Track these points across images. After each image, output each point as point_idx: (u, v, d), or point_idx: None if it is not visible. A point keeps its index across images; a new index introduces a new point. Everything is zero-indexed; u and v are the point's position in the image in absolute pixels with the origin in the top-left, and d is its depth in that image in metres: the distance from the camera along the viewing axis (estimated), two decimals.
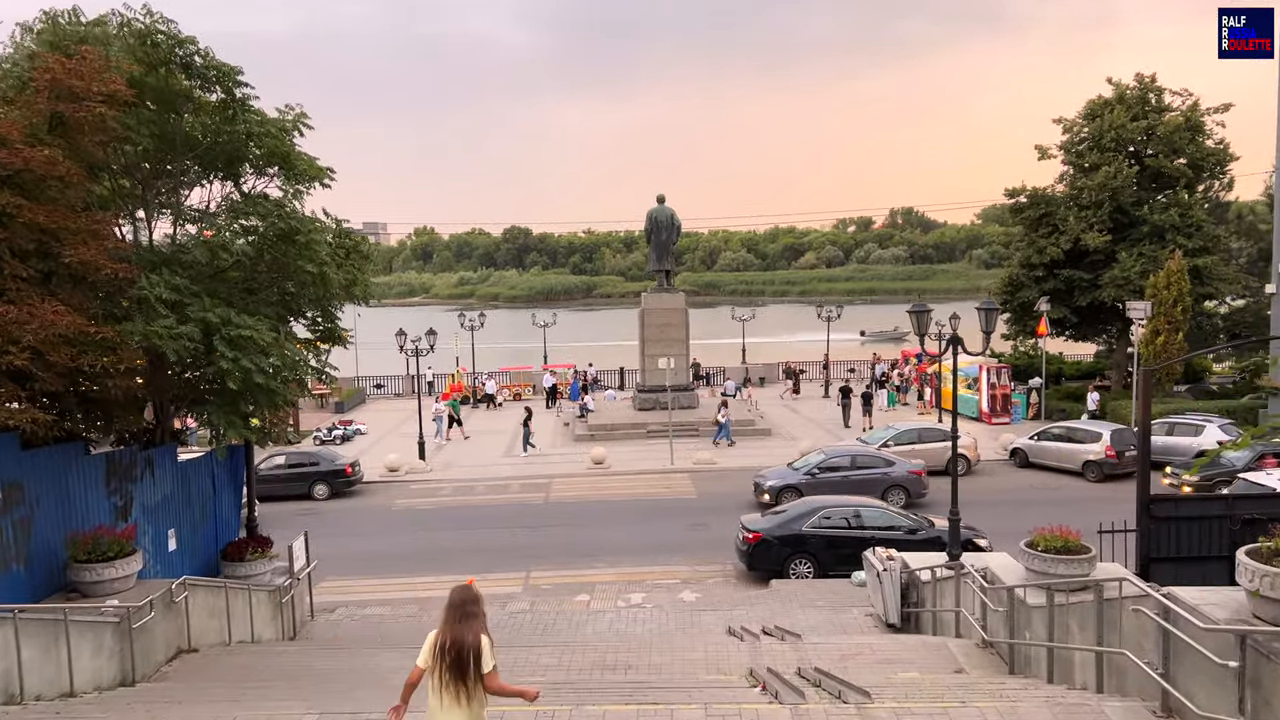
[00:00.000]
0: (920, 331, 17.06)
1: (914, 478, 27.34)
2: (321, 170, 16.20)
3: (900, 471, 27.42)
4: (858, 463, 27.76)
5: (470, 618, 6.36)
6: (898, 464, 27.74)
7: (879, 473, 27.27)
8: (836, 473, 27.20)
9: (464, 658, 6.22)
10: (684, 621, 17.55)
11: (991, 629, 12.70)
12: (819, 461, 27.76)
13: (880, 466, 27.57)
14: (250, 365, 13.01)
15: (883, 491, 26.63)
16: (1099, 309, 41.69)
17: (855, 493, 26.13)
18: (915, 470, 27.54)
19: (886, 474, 27.25)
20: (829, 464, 27.54)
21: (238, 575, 16.51)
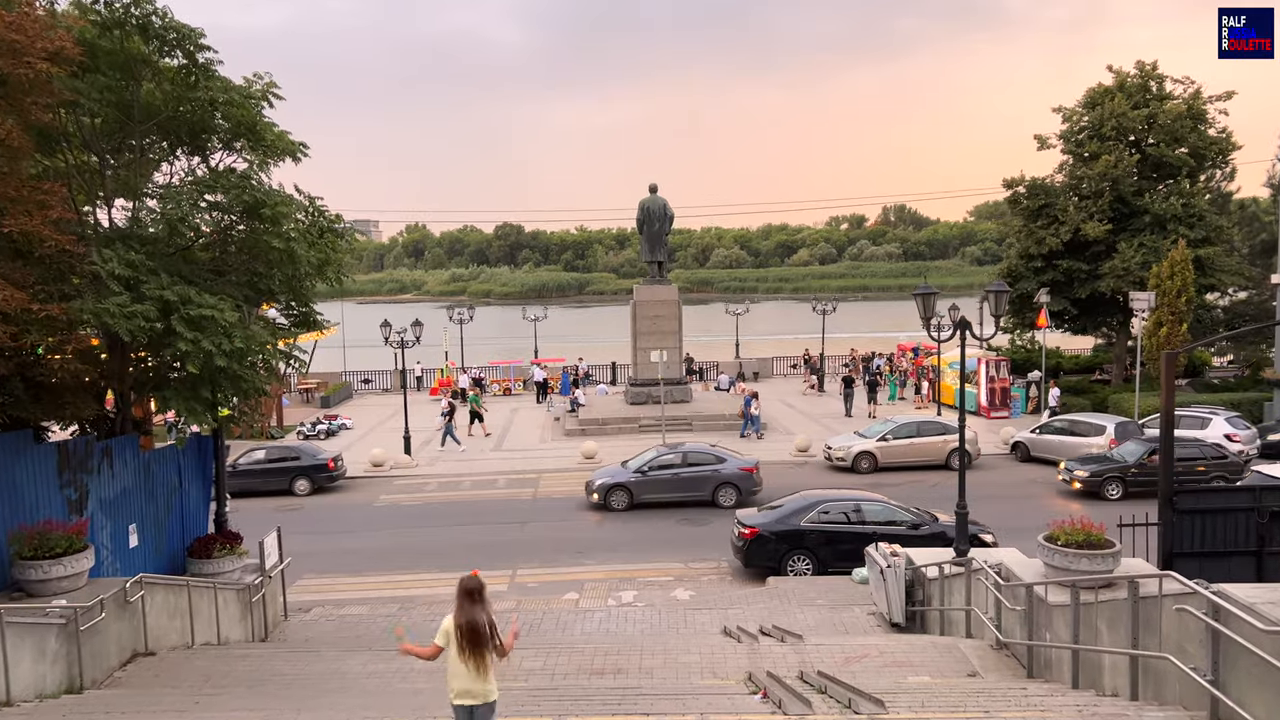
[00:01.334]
0: (926, 315, 16.22)
1: (745, 475, 26.43)
2: (293, 144, 15.25)
3: (731, 469, 26.51)
4: (689, 460, 26.93)
5: (480, 602, 7.51)
6: (729, 460, 26.81)
7: (710, 470, 26.42)
8: (667, 470, 26.53)
9: (480, 634, 7.40)
10: (677, 621, 16.69)
11: (1007, 629, 11.86)
12: (650, 460, 27.04)
13: (711, 464, 26.66)
14: (211, 347, 12.08)
15: (713, 489, 26.16)
16: (1099, 301, 40.95)
17: (685, 491, 26.02)
18: (747, 467, 26.63)
19: (717, 471, 26.39)
20: (660, 462, 26.84)
21: (204, 573, 15.55)
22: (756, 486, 26.45)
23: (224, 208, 13.48)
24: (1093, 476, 26.30)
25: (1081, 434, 30.02)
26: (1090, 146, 40.25)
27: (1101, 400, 37.93)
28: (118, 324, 11.48)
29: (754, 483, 26.39)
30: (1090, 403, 38.05)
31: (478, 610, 7.41)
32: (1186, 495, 13.41)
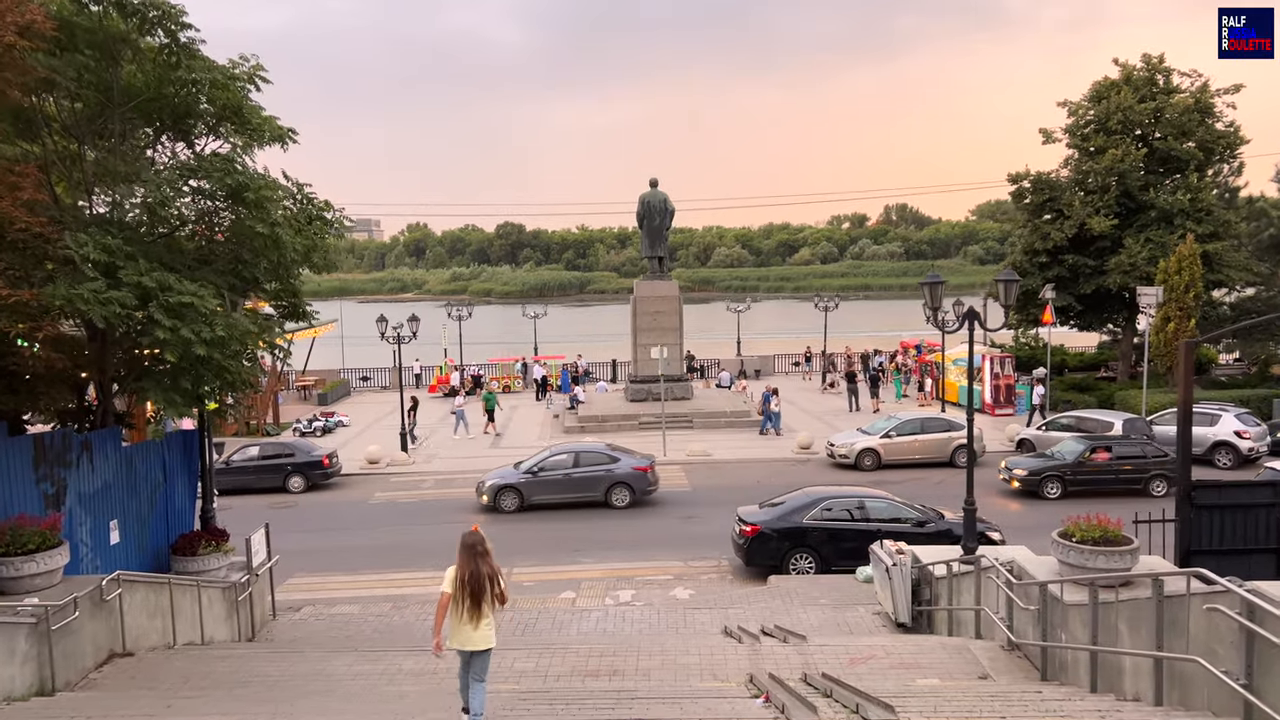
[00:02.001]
0: (933, 305, 15.73)
1: (639, 474, 25.85)
2: (281, 129, 14.77)
3: (625, 468, 25.92)
4: (581, 460, 26.36)
5: (482, 555, 8.14)
6: (622, 460, 26.21)
7: (603, 470, 25.86)
8: (558, 471, 25.97)
9: (481, 585, 8.07)
10: (676, 621, 16.21)
11: (1019, 629, 11.37)
12: (541, 460, 26.56)
13: (604, 464, 26.10)
14: (191, 336, 11.59)
15: (606, 489, 25.67)
16: (1104, 297, 40.46)
17: (577, 491, 25.56)
18: (641, 467, 26.04)
19: (610, 471, 25.83)
20: (550, 462, 26.33)
21: (189, 571, 15.06)
22: (651, 486, 25.92)
23: (207, 193, 13.02)
24: (1031, 475, 25.94)
25: (1088, 430, 29.49)
26: (1096, 140, 39.72)
27: (1108, 397, 37.40)
28: (92, 310, 11.00)
29: (648, 482, 25.81)
30: (1096, 400, 37.54)
31: (480, 562, 8.10)
32: (1206, 490, 12.89)
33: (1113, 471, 25.67)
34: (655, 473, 26.30)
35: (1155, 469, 25.62)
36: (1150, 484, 25.39)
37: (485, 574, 8.11)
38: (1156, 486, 25.38)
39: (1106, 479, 25.44)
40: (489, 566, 8.17)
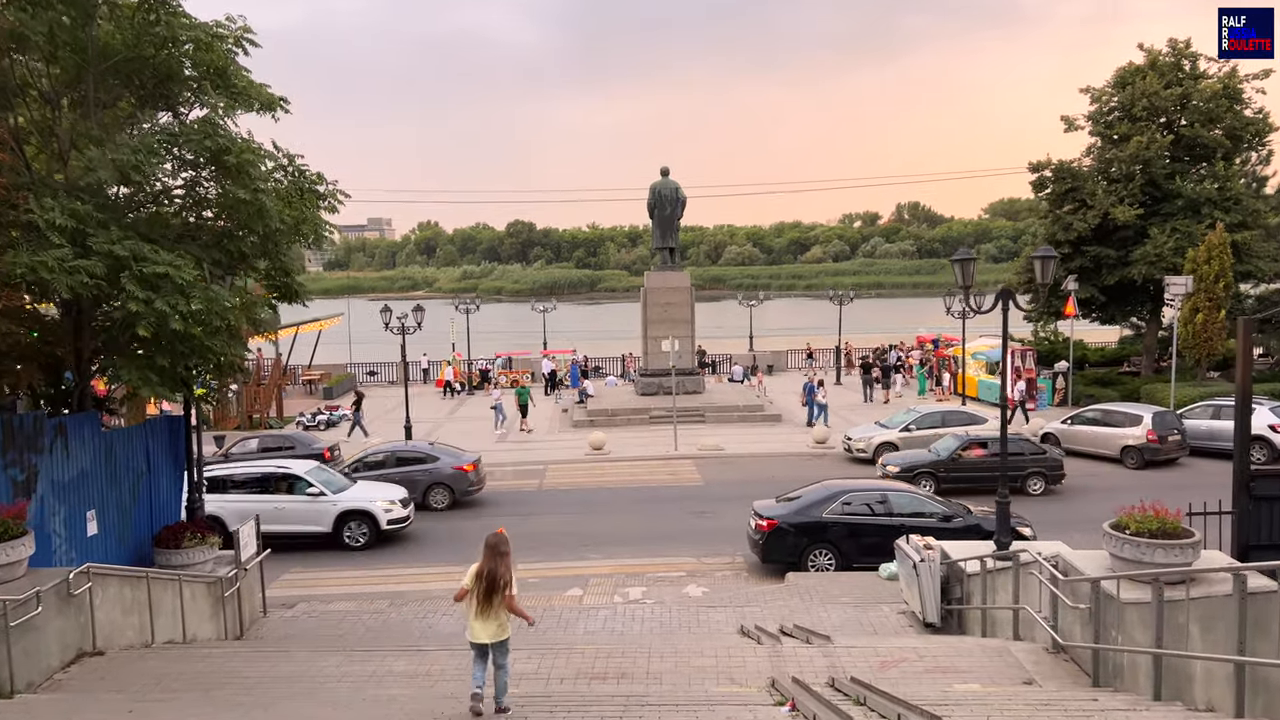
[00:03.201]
0: (964, 284, 14.74)
1: (459, 474, 24.73)
2: (271, 96, 13.93)
3: (445, 468, 24.80)
4: (399, 458, 25.33)
5: (502, 555, 8.67)
6: (442, 459, 25.12)
7: (421, 470, 24.68)
8: (374, 471, 24.79)
9: (495, 584, 8.61)
10: (689, 619, 15.27)
11: (1065, 630, 10.39)
12: (357, 459, 25.74)
13: (423, 463, 24.94)
14: (165, 308, 10.73)
15: (424, 491, 24.41)
16: (1128, 288, 39.29)
17: None
18: (462, 466, 24.87)
19: (429, 471, 24.70)
20: (367, 461, 25.45)
21: (173, 564, 14.20)
22: (473, 486, 24.84)
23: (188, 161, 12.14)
24: (904, 471, 24.93)
25: (1116, 424, 28.42)
26: (1120, 128, 38.59)
27: (1132, 392, 36.29)
28: (57, 279, 10.16)
29: (469, 482, 24.72)
30: (1119, 394, 36.43)
31: (499, 563, 8.64)
32: (1266, 479, 11.90)
33: (987, 468, 24.53)
34: (480, 471, 25.18)
35: (1032, 466, 24.62)
36: (1027, 481, 24.39)
37: (500, 574, 8.65)
38: (1034, 484, 24.52)
39: (981, 475, 24.36)
40: (504, 567, 8.68)
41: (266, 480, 21.60)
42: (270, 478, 21.67)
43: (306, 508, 21.04)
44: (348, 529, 21.09)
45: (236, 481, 21.49)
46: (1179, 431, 27.68)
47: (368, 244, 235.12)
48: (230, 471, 21.97)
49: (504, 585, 8.68)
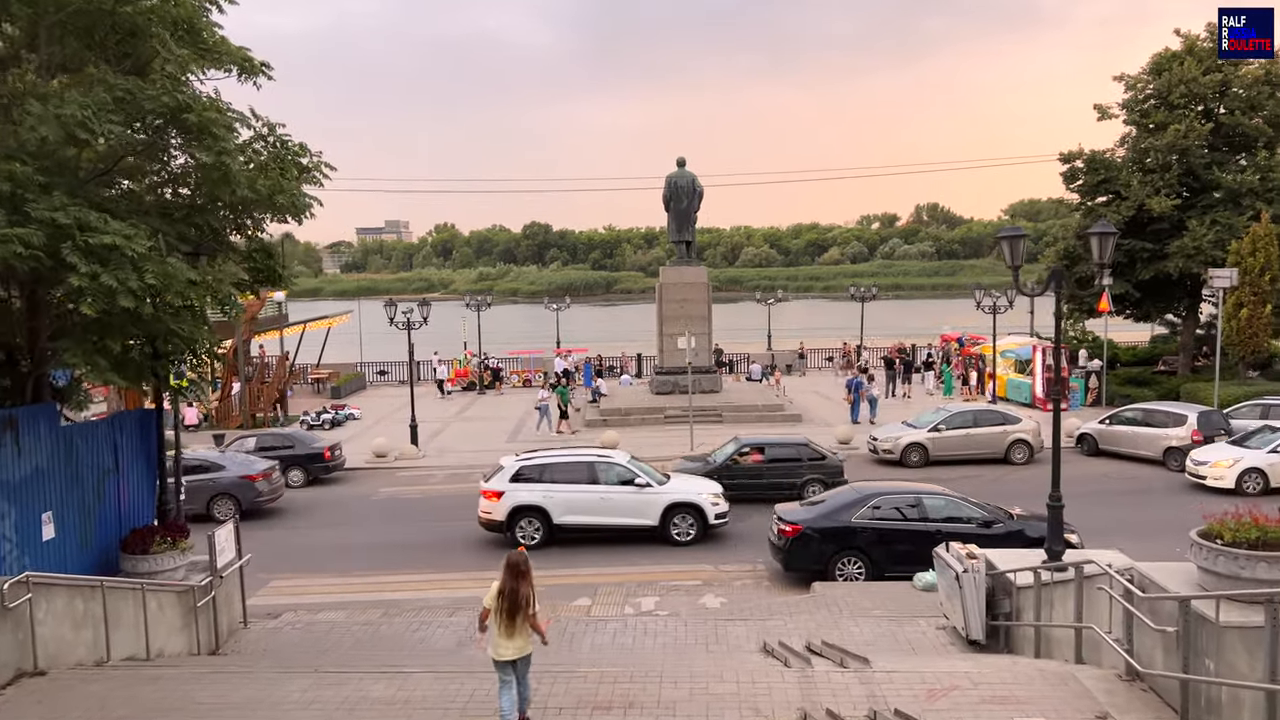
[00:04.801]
0: (1013, 263, 13.35)
1: (246, 483, 23.04)
2: (250, 59, 12.69)
3: (230, 476, 23.09)
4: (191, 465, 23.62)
5: (522, 576, 8.82)
6: (229, 467, 23.42)
7: (205, 479, 22.80)
8: None
9: (516, 603, 8.76)
10: (706, 634, 13.90)
11: (1144, 655, 8.96)
12: None
13: (208, 471, 23.15)
14: (114, 283, 9.46)
15: (207, 502, 22.51)
16: (1164, 283, 37.59)
17: None
18: (252, 475, 23.22)
19: (214, 481, 22.91)
20: None
21: (140, 571, 12.97)
22: (261, 496, 23.21)
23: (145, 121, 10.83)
24: None
25: (1158, 424, 26.88)
26: (1156, 116, 36.96)
27: (1171, 391, 34.66)
28: None
29: (257, 492, 23.16)
30: (1156, 394, 34.79)
31: (520, 582, 8.75)
32: None
33: (764, 474, 23.34)
34: (274, 479, 23.76)
35: (809, 472, 23.25)
36: (805, 488, 22.79)
37: (522, 593, 8.76)
38: (811, 490, 22.79)
39: (758, 483, 23.06)
40: (527, 586, 8.82)
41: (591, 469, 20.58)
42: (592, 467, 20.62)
43: (634, 499, 19.89)
44: (674, 523, 19.92)
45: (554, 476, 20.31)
46: (1226, 432, 26.09)
47: (385, 246, 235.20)
48: (550, 460, 20.87)
49: (526, 604, 8.80)
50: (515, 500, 19.56)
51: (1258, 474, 23.20)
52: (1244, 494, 22.84)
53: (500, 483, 19.97)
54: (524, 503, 19.67)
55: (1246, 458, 23.67)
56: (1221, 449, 24.79)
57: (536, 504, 19.65)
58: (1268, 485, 22.98)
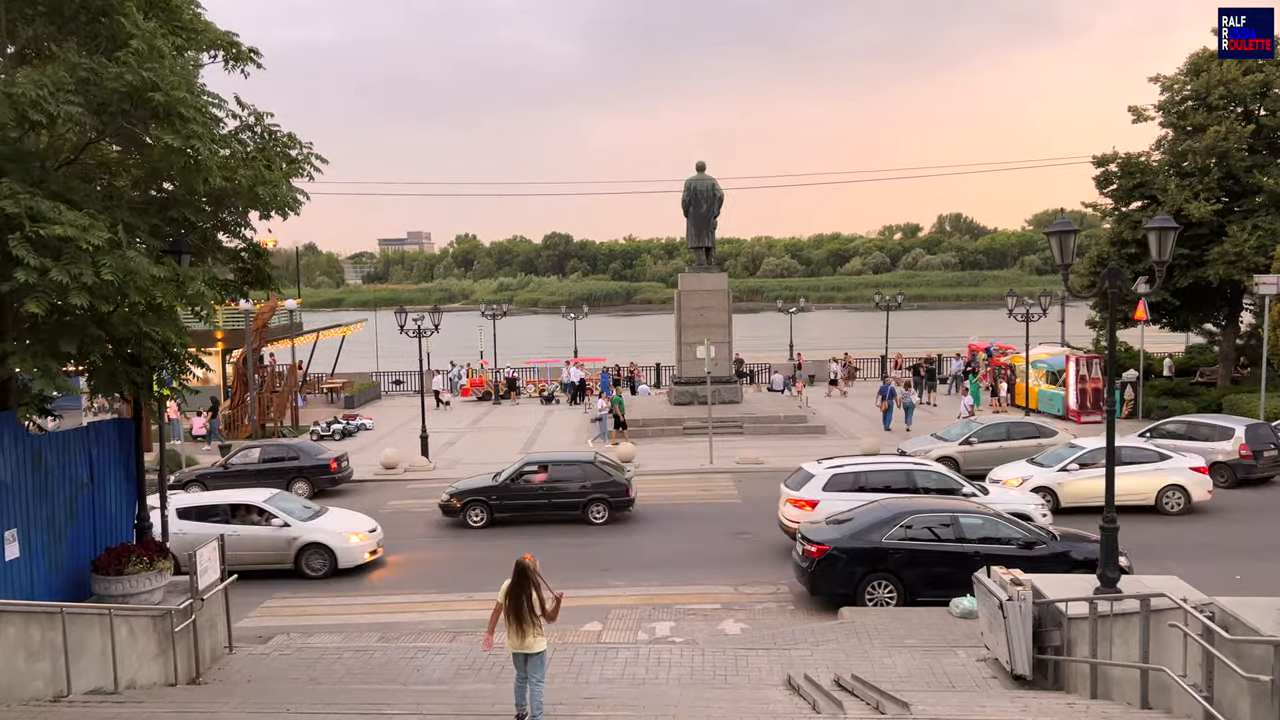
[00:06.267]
0: (1064, 262, 12.23)
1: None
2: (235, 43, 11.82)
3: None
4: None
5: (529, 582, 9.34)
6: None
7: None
8: None
9: (520, 608, 9.31)
10: (725, 665, 12.78)
11: (1227, 704, 7.80)
12: None
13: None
14: (65, 279, 8.52)
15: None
16: (1203, 291, 36.15)
17: None
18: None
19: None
20: None
21: (112, 593, 12.03)
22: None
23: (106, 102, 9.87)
24: (451, 499, 22.55)
25: (1203, 438, 25.50)
26: (1195, 118, 35.57)
27: (1212, 403, 33.25)
28: None
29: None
30: (1196, 406, 33.36)
31: (525, 589, 9.24)
32: None
33: (545, 494, 22.29)
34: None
35: (594, 492, 22.23)
36: (589, 509, 22.12)
37: (524, 598, 9.25)
38: (596, 512, 22.06)
39: (537, 504, 22.29)
40: (530, 590, 9.29)
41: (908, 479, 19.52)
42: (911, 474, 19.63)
43: None
44: None
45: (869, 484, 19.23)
46: (1276, 446, 24.73)
47: (406, 257, 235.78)
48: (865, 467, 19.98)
49: (532, 609, 9.26)
50: (831, 510, 17.97)
51: (1046, 493, 21.88)
52: None
53: (813, 491, 18.94)
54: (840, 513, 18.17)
55: (1036, 476, 22.55)
56: (1015, 466, 23.76)
57: None
58: (1057, 504, 21.58)
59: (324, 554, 18.61)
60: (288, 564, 18.54)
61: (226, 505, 19.30)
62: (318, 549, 18.62)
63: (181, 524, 18.28)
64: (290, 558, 18.50)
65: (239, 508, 19.16)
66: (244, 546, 18.02)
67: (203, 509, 19.12)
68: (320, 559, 18.63)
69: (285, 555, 18.54)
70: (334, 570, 18.57)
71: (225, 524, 18.53)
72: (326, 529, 19.06)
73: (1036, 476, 22.51)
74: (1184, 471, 22.31)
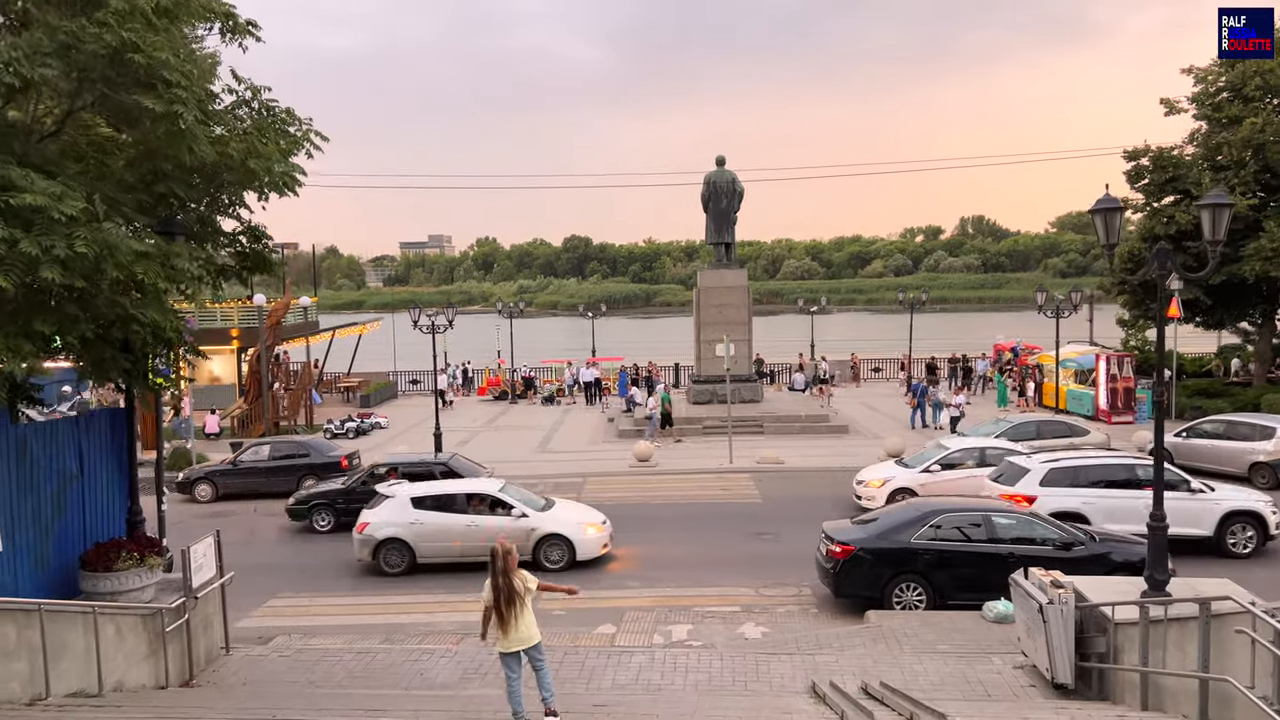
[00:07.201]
0: (1109, 242, 11.46)
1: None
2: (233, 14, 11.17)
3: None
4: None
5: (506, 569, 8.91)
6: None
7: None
8: None
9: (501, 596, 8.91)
10: (745, 671, 12.07)
11: None
12: None
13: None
14: (35, 250, 7.92)
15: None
16: (1238, 288, 35.02)
17: None
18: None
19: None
20: None
21: (101, 591, 11.46)
22: None
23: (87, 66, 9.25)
24: (298, 504, 21.77)
25: (1242, 437, 24.56)
26: (1230, 109, 34.49)
27: (1248, 403, 32.17)
28: None
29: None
30: (1231, 406, 32.30)
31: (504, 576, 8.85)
32: None
33: None
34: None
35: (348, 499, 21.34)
36: None
37: (501, 586, 8.83)
38: None
39: None
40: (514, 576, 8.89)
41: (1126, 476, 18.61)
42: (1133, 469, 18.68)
43: (1188, 506, 17.88)
44: (1231, 532, 18.01)
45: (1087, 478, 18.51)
46: None
47: (427, 260, 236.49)
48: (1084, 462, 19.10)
49: (516, 595, 8.84)
50: (1052, 506, 17.36)
51: (909, 495, 20.93)
52: None
53: (1029, 486, 18.26)
54: (1061, 509, 17.46)
55: (898, 477, 21.82)
56: (879, 467, 23.15)
57: (1075, 510, 17.50)
58: None
59: (563, 545, 18.04)
60: (524, 556, 17.64)
61: (462, 495, 18.76)
62: (557, 540, 18.06)
63: (418, 514, 18.17)
64: (529, 549, 17.81)
65: (473, 497, 18.66)
66: (482, 538, 17.54)
67: (438, 498, 18.57)
68: (559, 550, 18.02)
69: (523, 547, 17.73)
70: (572, 562, 17.98)
71: (463, 514, 18.24)
72: (565, 519, 18.52)
73: (899, 478, 21.88)
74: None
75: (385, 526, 18.05)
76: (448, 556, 17.96)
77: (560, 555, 17.97)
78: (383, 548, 17.91)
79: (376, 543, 17.90)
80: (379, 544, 17.89)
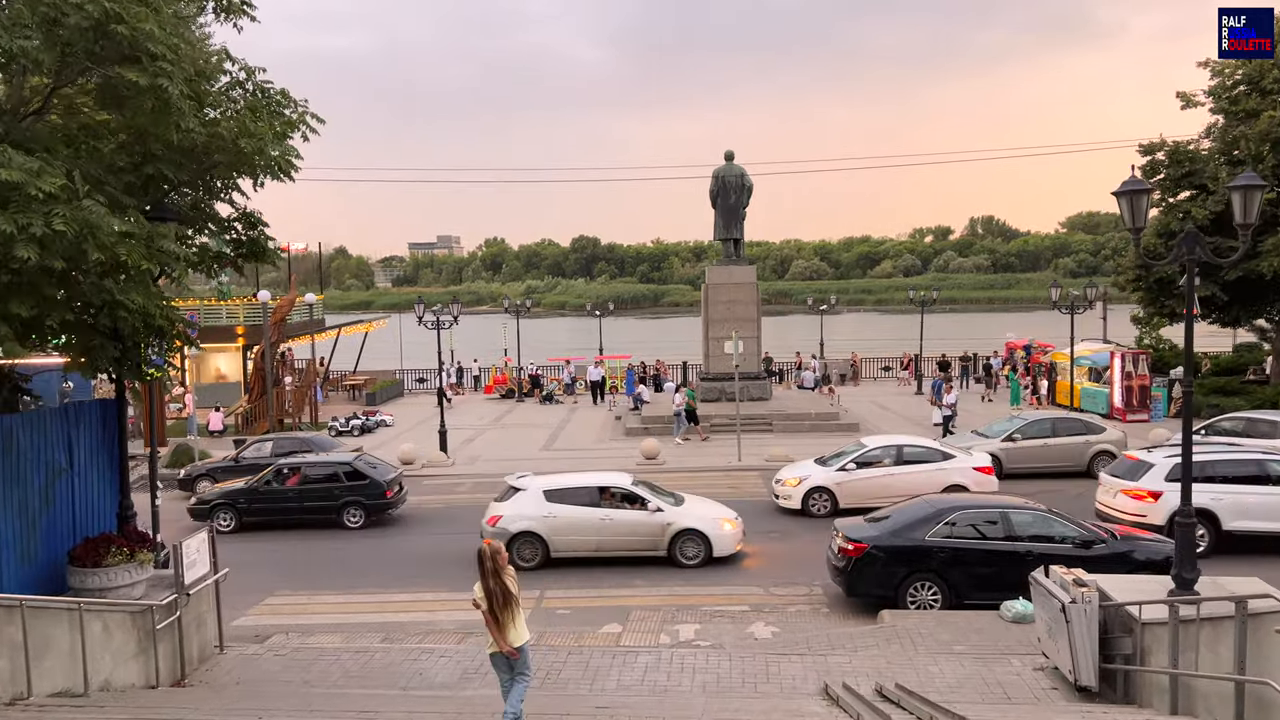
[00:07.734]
0: (1135, 226, 11.04)
1: None
2: None
3: None
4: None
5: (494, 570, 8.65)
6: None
7: None
8: None
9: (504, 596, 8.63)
10: (755, 672, 11.66)
11: None
12: None
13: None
14: (10, 228, 7.57)
15: None
16: (1255, 284, 34.45)
17: None
18: None
19: None
20: None
21: (89, 587, 11.10)
22: None
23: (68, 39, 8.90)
24: (200, 504, 21.43)
25: (1262, 435, 24.03)
26: (1248, 103, 33.90)
27: (1266, 401, 31.61)
28: None
29: None
30: (1248, 404, 31.76)
31: (495, 578, 8.64)
32: None
33: (297, 498, 21.38)
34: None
35: (347, 495, 21.42)
36: (344, 513, 21.35)
37: (494, 588, 8.62)
38: (351, 516, 21.32)
39: (289, 506, 21.36)
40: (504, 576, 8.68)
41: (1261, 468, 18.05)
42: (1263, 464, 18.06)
43: None
44: None
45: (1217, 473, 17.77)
46: None
47: (436, 260, 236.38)
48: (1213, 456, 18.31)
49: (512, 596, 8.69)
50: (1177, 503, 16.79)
51: (825, 494, 21.01)
52: (811, 515, 20.75)
53: (1155, 481, 17.67)
54: None
55: (814, 476, 21.54)
56: (796, 466, 22.87)
57: (1204, 507, 16.80)
58: (835, 506, 20.76)
59: (699, 541, 17.54)
60: (660, 551, 17.49)
61: (594, 488, 18.29)
62: (693, 536, 17.57)
63: (552, 507, 17.73)
64: (664, 545, 17.45)
65: (606, 491, 18.19)
66: (618, 532, 17.40)
67: (571, 491, 18.16)
68: (695, 546, 17.54)
69: (659, 542, 17.49)
70: (708, 559, 17.51)
71: (596, 508, 17.79)
72: (701, 515, 18.08)
73: (815, 476, 21.58)
74: (966, 471, 21.02)
75: (519, 520, 17.57)
76: (582, 551, 17.52)
77: (696, 551, 17.48)
78: (516, 541, 17.31)
79: (510, 536, 17.29)
80: (513, 537, 17.31)
